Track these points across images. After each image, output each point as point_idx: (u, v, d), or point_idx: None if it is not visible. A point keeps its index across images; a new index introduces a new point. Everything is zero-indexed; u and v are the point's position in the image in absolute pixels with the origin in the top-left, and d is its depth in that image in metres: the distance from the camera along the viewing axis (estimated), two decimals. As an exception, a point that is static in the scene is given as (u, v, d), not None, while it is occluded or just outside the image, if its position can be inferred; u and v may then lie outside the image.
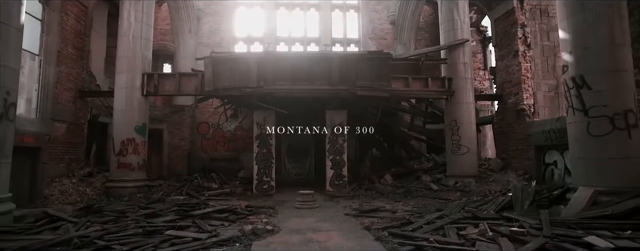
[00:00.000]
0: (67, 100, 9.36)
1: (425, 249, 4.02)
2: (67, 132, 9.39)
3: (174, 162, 13.33)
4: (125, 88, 9.48)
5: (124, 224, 5.19)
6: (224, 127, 14.08)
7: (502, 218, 5.44)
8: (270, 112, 10.16)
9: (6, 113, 4.88)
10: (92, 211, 6.29)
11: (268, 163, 10.11)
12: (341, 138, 10.30)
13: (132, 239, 4.39)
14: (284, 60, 9.98)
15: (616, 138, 5.35)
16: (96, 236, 4.36)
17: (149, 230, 4.86)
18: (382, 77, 9.94)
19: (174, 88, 10.01)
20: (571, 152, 6.11)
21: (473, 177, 10.07)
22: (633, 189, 5.09)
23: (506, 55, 11.16)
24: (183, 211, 6.26)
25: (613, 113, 5.39)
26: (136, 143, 9.47)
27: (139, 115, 9.66)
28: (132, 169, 9.37)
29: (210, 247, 4.22)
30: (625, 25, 5.60)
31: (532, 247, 3.71)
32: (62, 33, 9.09)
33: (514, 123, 10.72)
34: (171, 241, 4.31)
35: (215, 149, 14.11)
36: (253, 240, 4.64)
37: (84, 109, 10.23)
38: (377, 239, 4.64)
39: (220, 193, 9.69)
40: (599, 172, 5.47)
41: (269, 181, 10.06)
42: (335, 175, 10.16)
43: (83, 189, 9.03)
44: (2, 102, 4.81)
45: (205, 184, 10.78)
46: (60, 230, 4.72)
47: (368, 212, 6.73)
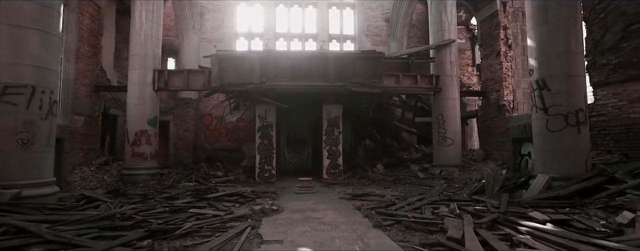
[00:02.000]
0: (84, 95, 10.18)
1: (403, 222, 4.98)
2: (85, 124, 10.23)
3: (180, 152, 14.19)
4: (138, 84, 10.29)
5: (151, 204, 6.11)
6: (226, 119, 14.93)
7: (472, 200, 6.41)
8: (272, 106, 11.03)
9: (51, 110, 5.72)
10: (119, 194, 7.21)
11: (269, 153, 11.03)
12: (337, 130, 11.21)
13: (162, 215, 5.30)
14: (284, 58, 10.82)
15: (568, 133, 6.31)
16: (132, 213, 5.26)
17: (174, 208, 5.78)
18: (374, 74, 10.82)
19: (183, 83, 10.84)
20: (534, 144, 7.07)
21: (457, 166, 11.06)
22: (579, 176, 6.07)
23: (490, 55, 12.06)
24: (198, 195, 7.19)
25: (567, 111, 6.34)
26: (148, 135, 10.34)
27: (151, 109, 10.50)
28: (145, 158, 10.25)
29: (228, 222, 5.14)
30: (579, 36, 6.52)
31: (486, 219, 4.67)
32: (80, 32, 9.85)
33: (495, 118, 11.69)
34: (195, 217, 5.24)
35: (218, 140, 14.99)
36: (262, 217, 5.59)
37: (99, 103, 11.05)
38: (365, 216, 5.60)
39: (225, 180, 10.63)
40: (554, 161, 6.44)
41: (270, 169, 10.99)
42: (331, 164, 11.11)
43: (101, 176, 9.90)
44: (48, 101, 5.65)
45: (211, 172, 11.71)
46: (100, 208, 5.63)
47: (360, 196, 7.69)
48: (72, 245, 3.63)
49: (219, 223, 5.04)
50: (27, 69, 5.37)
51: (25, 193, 5.13)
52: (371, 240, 4.21)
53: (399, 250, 3.83)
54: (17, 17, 5.30)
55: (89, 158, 10.35)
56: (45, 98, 5.61)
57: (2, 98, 5.18)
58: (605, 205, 5.03)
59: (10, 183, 5.05)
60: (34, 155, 5.44)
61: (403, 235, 4.48)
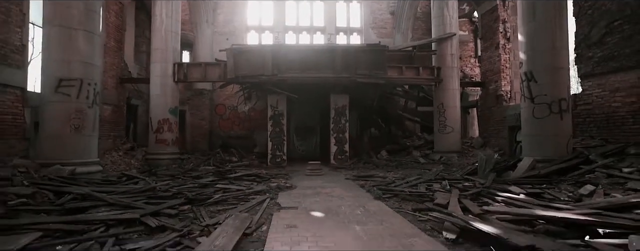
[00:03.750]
0: (111, 86, 11.08)
1: (400, 195, 5.81)
2: (112, 113, 11.15)
3: (196, 139, 15.14)
4: (160, 76, 11.16)
5: (181, 181, 7.02)
6: (239, 109, 15.80)
7: (464, 179, 7.21)
8: (283, 96, 11.85)
9: (95, 100, 6.61)
10: (151, 173, 8.13)
11: (280, 140, 11.89)
12: (343, 118, 12.02)
13: (193, 189, 6.19)
14: (294, 51, 11.59)
15: (551, 120, 7.04)
16: (167, 187, 6.17)
17: (202, 184, 6.68)
18: (379, 66, 11.54)
19: (201, 75, 11.69)
20: (522, 130, 7.82)
21: (456, 152, 11.82)
22: (560, 158, 6.82)
23: (489, 47, 12.68)
24: (219, 174, 8.09)
25: (551, 101, 7.06)
26: (170, 123, 11.25)
27: (172, 99, 11.39)
28: (167, 144, 11.19)
29: (249, 195, 6.01)
30: (564, 32, 7.18)
31: (471, 192, 5.48)
32: (106, 28, 10.70)
33: (493, 107, 12.37)
34: (222, 191, 6.13)
35: (232, 128, 15.88)
36: (278, 191, 6.46)
37: (123, 93, 11.96)
38: (368, 191, 6.44)
39: (240, 164, 11.53)
40: (538, 146, 7.19)
41: (281, 155, 11.87)
42: (338, 150, 11.95)
43: (128, 160, 10.86)
44: (93, 91, 6.53)
45: (226, 158, 12.63)
46: (139, 184, 6.54)
47: (364, 177, 8.53)
48: (130, 207, 4.52)
49: (243, 195, 5.92)
50: (76, 65, 6.25)
51: (78, 170, 6.07)
52: (371, 207, 5.05)
53: (393, 212, 4.66)
54: (67, 20, 6.15)
55: (116, 144, 11.30)
56: (91, 90, 6.50)
57: (58, 89, 6.08)
58: (575, 181, 5.80)
59: (67, 162, 5.98)
60: (84, 139, 6.36)
61: (399, 204, 5.30)
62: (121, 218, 3.88)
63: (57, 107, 6.09)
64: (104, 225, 3.73)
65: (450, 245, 3.31)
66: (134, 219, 3.88)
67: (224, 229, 3.49)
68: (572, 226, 3.43)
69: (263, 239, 3.49)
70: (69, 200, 4.73)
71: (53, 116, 6.09)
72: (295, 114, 15.39)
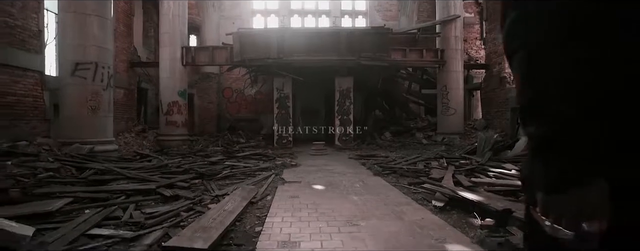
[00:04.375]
0: (122, 70, 11.43)
1: (398, 172, 6.13)
2: (124, 96, 11.55)
3: (204, 121, 15.55)
4: (169, 60, 11.47)
5: (192, 159, 7.42)
6: (245, 92, 16.12)
7: (462, 158, 7.49)
8: (288, 78, 12.10)
9: (109, 82, 6.97)
10: (163, 153, 8.56)
11: (286, 121, 12.23)
12: (348, 101, 12.27)
13: (203, 166, 6.58)
14: (299, 34, 11.77)
15: (548, 100, 7.22)
16: (179, 164, 6.56)
17: (211, 162, 7.07)
18: (383, 48, 11.69)
19: (208, 59, 11.97)
20: (520, 111, 8.00)
21: (458, 134, 12.05)
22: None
23: (493, 29, 12.70)
24: (228, 154, 8.48)
25: (548, 81, 7.21)
26: (179, 105, 11.62)
27: (180, 82, 11.72)
28: (177, 126, 11.59)
29: (256, 171, 6.39)
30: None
31: (466, 168, 5.77)
32: (116, 14, 10.94)
33: (497, 89, 12.49)
34: (230, 167, 6.51)
35: (239, 111, 16.25)
36: (283, 169, 6.83)
37: (134, 77, 12.32)
38: (368, 169, 6.78)
39: (247, 145, 11.92)
40: (535, 125, 7.39)
41: (288, 137, 12.23)
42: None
43: (140, 141, 11.31)
44: (107, 74, 6.88)
45: (234, 139, 13.03)
46: (153, 161, 6.96)
47: (366, 157, 8.85)
48: (146, 180, 4.91)
49: (249, 171, 6.30)
50: (91, 49, 6.57)
51: (96, 148, 6.48)
52: (370, 181, 5.38)
53: (390, 186, 4.99)
54: (81, 6, 6.44)
55: (129, 126, 11.75)
56: (105, 73, 6.84)
57: (74, 73, 6.43)
58: (567, 159, 6.04)
59: (86, 141, 6.39)
60: (100, 119, 6.74)
61: (396, 179, 5.63)
62: (139, 189, 4.27)
63: (74, 90, 6.46)
64: (124, 194, 4.12)
65: (437, 211, 3.63)
66: (150, 189, 4.27)
67: (232, 197, 3.85)
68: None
69: (267, 206, 3.85)
70: (91, 174, 5.13)
71: (71, 98, 6.47)
72: (301, 97, 15.65)
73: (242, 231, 2.98)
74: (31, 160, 5.19)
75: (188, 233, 2.56)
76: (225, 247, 2.58)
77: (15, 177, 4.36)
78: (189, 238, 2.44)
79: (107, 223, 3.08)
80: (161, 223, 3.12)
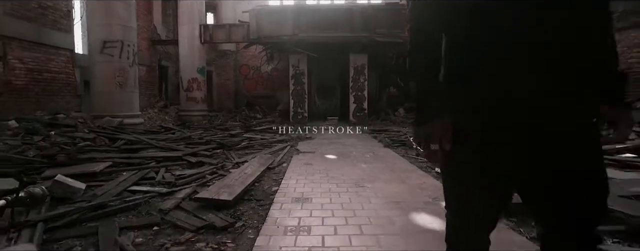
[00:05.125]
0: (144, 48, 11.86)
1: (407, 144, 6.42)
2: (146, 73, 12.04)
3: (222, 98, 16.04)
4: (188, 38, 11.81)
5: (213, 132, 7.87)
6: (262, 69, 16.42)
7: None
8: (303, 55, 12.31)
9: (134, 59, 7.38)
10: (185, 126, 9.06)
11: (302, 98, 12.54)
12: (362, 77, 12.44)
13: (224, 139, 7.02)
14: (314, 11, 11.86)
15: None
16: (200, 136, 7.02)
17: (231, 134, 7.51)
18: (397, 25, 11.68)
19: (225, 36, 12.25)
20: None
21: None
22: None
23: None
24: (246, 127, 8.91)
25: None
26: (198, 82, 12.05)
27: (199, 59, 12.10)
28: (197, 102, 12.08)
29: (273, 143, 6.79)
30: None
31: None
32: (136, -8, 11.27)
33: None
34: (249, 139, 6.93)
35: (255, 88, 16.63)
36: (298, 141, 7.21)
37: (155, 55, 12.76)
38: (379, 142, 7.09)
39: (264, 121, 12.36)
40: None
41: (303, 112, 12.58)
42: (356, 108, 12.51)
43: (162, 117, 11.87)
44: (132, 52, 7.28)
45: (251, 115, 13.49)
46: (176, 134, 7.44)
47: (378, 131, 9.15)
48: (172, 149, 5.36)
49: (266, 143, 6.71)
50: (117, 28, 6.95)
51: (125, 121, 6.97)
52: (379, 152, 5.71)
53: (398, 156, 5.31)
54: (107, -14, 6.77)
55: (151, 102, 12.30)
56: (130, 50, 7.24)
57: (103, 51, 6.85)
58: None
59: (115, 114, 6.88)
60: (127, 94, 7.21)
61: (405, 151, 5.92)
62: (168, 156, 4.72)
63: (103, 67, 6.90)
64: (155, 160, 4.57)
65: (438, 177, 3.94)
66: (177, 157, 4.71)
67: (251, 164, 4.25)
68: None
69: (283, 171, 4.24)
70: (122, 144, 5.62)
71: (101, 74, 6.92)
72: (316, 74, 15.85)
73: (260, 191, 3.37)
74: (70, 131, 5.72)
75: (214, 189, 2.96)
76: (247, 202, 2.98)
77: (59, 145, 4.87)
78: (216, 192, 2.84)
79: (143, 183, 3.53)
80: (190, 183, 3.55)
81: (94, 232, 2.21)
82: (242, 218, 2.53)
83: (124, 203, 2.75)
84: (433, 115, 1.00)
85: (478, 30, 0.98)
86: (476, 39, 0.99)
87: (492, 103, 0.97)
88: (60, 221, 2.32)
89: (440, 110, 1.00)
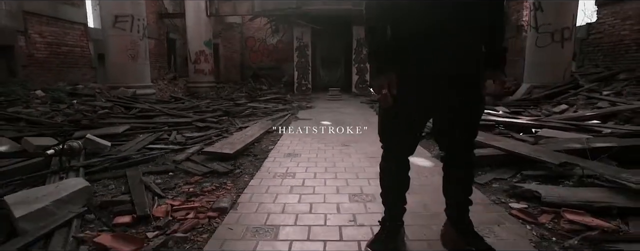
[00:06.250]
0: (152, 21, 12.21)
1: (399, 113, 6.88)
2: (155, 46, 12.46)
3: (229, 70, 16.46)
4: (194, 11, 12.10)
5: (219, 102, 8.41)
6: (267, 41, 16.69)
7: (464, 103, 8.08)
8: (307, 28, 12.56)
9: (144, 33, 7.81)
10: (194, 97, 9.61)
11: (305, 70, 12.92)
12: (365, 49, 12.70)
13: (229, 108, 7.55)
14: (317, -17, 12.00)
15: (552, 49, 7.51)
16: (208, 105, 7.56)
17: (236, 103, 8.04)
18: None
19: (231, 9, 12.52)
20: (526, 59, 8.33)
21: (471, 82, 12.39)
22: (554, 84, 7.45)
23: (516, -26, 12.35)
24: (251, 98, 9.42)
25: (554, 29, 7.45)
26: (206, 54, 12.47)
27: (206, 32, 12.45)
28: (205, 74, 12.55)
29: (275, 111, 7.30)
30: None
31: (459, 111, 6.43)
32: (143, -35, 11.49)
33: (513, 38, 12.49)
34: (253, 108, 7.45)
35: (261, 60, 16.97)
36: (299, 110, 7.72)
37: (163, 28, 13.12)
38: (375, 111, 7.55)
39: (269, 92, 12.83)
40: (537, 73, 7.78)
41: (307, 84, 13.00)
42: (359, 79, 12.88)
43: (172, 88, 12.41)
44: (142, 26, 7.70)
45: (257, 86, 13.95)
46: (186, 103, 7.99)
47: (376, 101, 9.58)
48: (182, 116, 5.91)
49: (269, 111, 7.23)
50: (127, 3, 7.34)
51: (138, 92, 7.52)
52: (372, 119, 6.20)
53: (387, 123, 5.79)
54: (115, -39, 7.10)
55: (161, 74, 12.80)
56: (140, 24, 7.66)
57: (115, 25, 7.29)
58: (557, 103, 6.55)
59: (129, 85, 7.42)
60: (139, 66, 7.71)
61: (396, 119, 6.39)
62: (178, 121, 5.28)
63: (116, 40, 7.36)
64: (167, 125, 5.13)
65: (417, 140, 4.42)
66: (187, 122, 5.27)
67: (252, 127, 4.78)
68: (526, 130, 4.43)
69: (281, 134, 4.77)
70: (137, 112, 6.19)
71: (114, 47, 7.40)
72: (321, 46, 16.06)
73: (259, 149, 3.91)
74: (90, 100, 6.29)
75: (218, 145, 3.51)
76: (246, 156, 3.52)
77: (82, 112, 5.45)
78: (220, 147, 3.38)
79: (158, 143, 4.09)
80: (198, 142, 4.10)
81: (122, 175, 2.78)
82: (240, 168, 3.09)
83: (144, 157, 3.32)
84: (382, 72, 1.48)
85: (401, 20, 1.49)
86: (402, 25, 1.51)
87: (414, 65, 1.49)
88: (96, 167, 2.90)
89: (387, 69, 1.49)
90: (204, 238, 1.80)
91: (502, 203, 2.29)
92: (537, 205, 2.18)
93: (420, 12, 1.45)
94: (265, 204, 2.26)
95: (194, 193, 2.43)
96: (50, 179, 2.57)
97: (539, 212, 2.10)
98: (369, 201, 2.30)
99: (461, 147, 1.62)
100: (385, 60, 1.50)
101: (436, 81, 1.47)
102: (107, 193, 2.45)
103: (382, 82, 1.48)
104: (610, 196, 2.13)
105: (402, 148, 1.65)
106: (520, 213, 2.08)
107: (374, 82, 1.53)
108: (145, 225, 1.94)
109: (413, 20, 1.47)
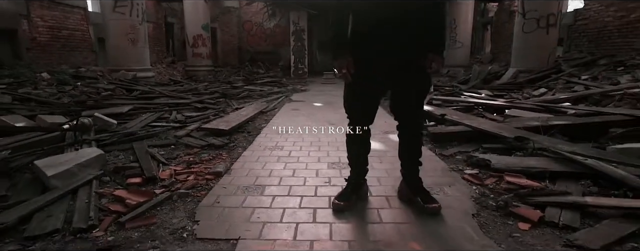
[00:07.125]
0: (151, 5, 12.34)
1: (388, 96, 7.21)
2: (154, 30, 12.63)
3: (226, 54, 16.65)
4: (191, -6, 12.25)
5: (217, 85, 8.71)
6: (264, 25, 16.83)
7: (452, 87, 8.40)
8: (303, 12, 12.73)
9: (143, 17, 8.03)
10: (192, 80, 9.90)
11: (302, 54, 13.16)
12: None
13: (227, 91, 7.86)
14: (313, -33, 12.10)
15: (537, 34, 7.78)
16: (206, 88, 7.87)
17: (233, 86, 8.35)
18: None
19: (227, -7, 12.64)
20: (513, 44, 8.59)
21: (463, 66, 12.68)
22: (539, 68, 7.75)
23: (511, -41, 12.47)
24: (247, 81, 9.72)
25: (539, 16, 7.71)
26: (203, 38, 12.67)
27: (203, 16, 12.60)
28: (203, 57, 12.78)
29: (270, 94, 7.62)
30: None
31: (446, 91, 6.77)
32: (139, -52, 11.55)
33: (506, 23, 12.71)
34: (249, 91, 7.77)
35: (259, 44, 17.15)
36: (293, 93, 8.04)
37: (161, 12, 13.26)
38: (365, 94, 7.88)
39: (266, 75, 13.10)
40: (523, 58, 8.06)
41: (303, 68, 13.26)
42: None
43: (171, 72, 12.65)
44: (141, 10, 7.91)
45: (254, 70, 14.20)
46: (184, 86, 8.30)
47: (369, 86, 9.89)
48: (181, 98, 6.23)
49: (265, 94, 7.55)
50: (126, -14, 7.54)
51: (138, 75, 7.81)
52: (361, 102, 6.53)
53: (374, 105, 6.13)
54: (113, -54, 7.26)
55: (160, 58, 13.03)
56: (139, 9, 7.88)
57: (115, 9, 7.51)
58: (538, 87, 6.88)
59: (129, 68, 7.71)
60: (139, 50, 7.97)
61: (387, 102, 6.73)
62: (178, 102, 5.61)
63: (116, 24, 7.60)
64: (167, 106, 5.47)
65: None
66: (186, 103, 5.60)
67: (247, 108, 5.13)
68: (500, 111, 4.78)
69: (273, 114, 5.13)
70: (138, 94, 6.51)
71: (114, 31, 7.64)
72: (318, 31, 16.24)
73: (252, 127, 4.27)
74: (93, 82, 6.60)
75: (215, 122, 3.87)
76: (240, 133, 3.88)
77: (86, 94, 5.77)
78: (216, 124, 3.74)
79: (160, 121, 4.44)
80: (196, 121, 4.45)
81: (129, 148, 3.14)
82: (235, 142, 3.45)
83: (148, 132, 3.67)
84: (342, 55, 1.83)
85: (358, 14, 1.84)
86: (359, 19, 1.86)
87: (367, 50, 1.83)
88: (106, 141, 3.25)
89: (346, 53, 1.84)
90: (203, 194, 2.17)
91: (459, 170, 2.66)
92: (487, 172, 2.56)
93: (372, 10, 1.79)
94: (254, 170, 2.64)
95: (194, 162, 2.80)
96: (67, 150, 2.92)
97: (487, 177, 2.48)
98: (344, 168, 2.67)
99: (410, 117, 2.00)
100: (342, 46, 1.85)
101: (388, 64, 1.83)
102: (118, 161, 2.81)
103: (341, 64, 1.82)
104: (548, 164, 2.51)
105: (362, 117, 2.01)
106: (471, 177, 2.46)
107: (335, 63, 1.88)
108: (153, 184, 2.31)
109: (367, 15, 1.82)
